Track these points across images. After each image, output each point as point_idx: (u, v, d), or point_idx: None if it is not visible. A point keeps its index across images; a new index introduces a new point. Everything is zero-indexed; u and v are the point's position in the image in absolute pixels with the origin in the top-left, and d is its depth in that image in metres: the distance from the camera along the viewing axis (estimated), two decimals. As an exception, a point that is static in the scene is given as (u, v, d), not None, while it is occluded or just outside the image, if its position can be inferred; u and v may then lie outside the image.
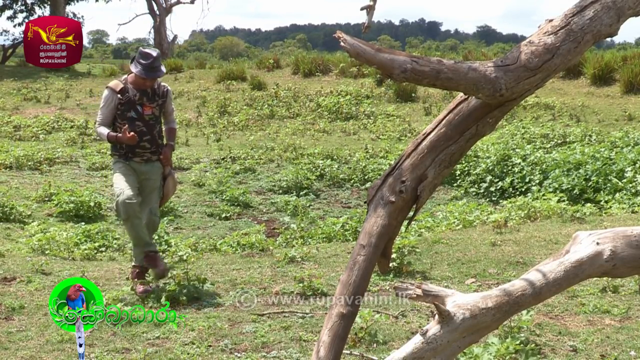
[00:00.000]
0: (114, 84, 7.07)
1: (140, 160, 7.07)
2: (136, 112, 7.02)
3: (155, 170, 7.14)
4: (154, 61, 6.88)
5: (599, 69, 21.93)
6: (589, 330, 5.90)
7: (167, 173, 7.22)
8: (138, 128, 6.97)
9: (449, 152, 3.46)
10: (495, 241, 8.56)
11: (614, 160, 12.51)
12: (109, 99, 7.00)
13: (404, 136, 17.84)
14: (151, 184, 7.11)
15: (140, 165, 7.08)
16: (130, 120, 6.97)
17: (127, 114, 6.98)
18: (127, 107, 6.99)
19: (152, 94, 7.08)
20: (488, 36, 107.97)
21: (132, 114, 7.00)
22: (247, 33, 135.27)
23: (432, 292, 3.44)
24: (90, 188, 12.86)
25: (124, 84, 7.03)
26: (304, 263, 8.06)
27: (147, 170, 7.09)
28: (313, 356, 3.33)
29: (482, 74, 3.26)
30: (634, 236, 3.48)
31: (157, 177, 7.15)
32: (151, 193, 7.10)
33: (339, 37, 3.23)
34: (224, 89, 24.43)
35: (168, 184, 7.24)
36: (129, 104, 6.99)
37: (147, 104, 7.04)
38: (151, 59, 6.88)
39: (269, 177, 14.46)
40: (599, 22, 3.35)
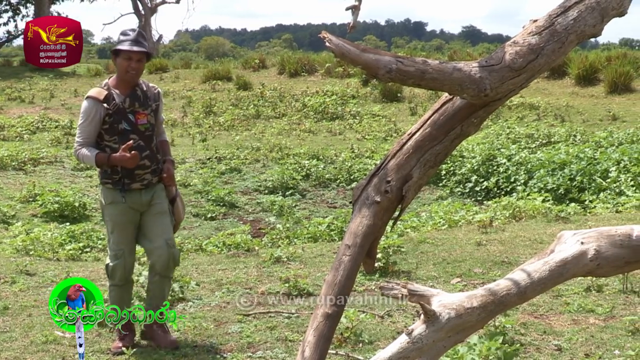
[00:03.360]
0: (95, 92, 5.58)
1: (140, 186, 5.62)
2: (129, 123, 5.57)
3: (158, 193, 5.72)
4: (137, 35, 5.56)
5: (583, 69, 22.03)
6: (573, 330, 5.93)
7: (173, 195, 5.84)
8: (134, 143, 5.52)
9: (434, 152, 3.47)
10: (480, 241, 8.59)
11: (598, 160, 12.57)
12: (91, 112, 5.53)
13: (390, 136, 17.86)
14: (158, 208, 5.68)
15: (141, 194, 5.64)
16: (122, 134, 5.54)
17: (117, 127, 5.54)
18: (117, 118, 5.54)
19: (143, 98, 5.65)
20: (473, 36, 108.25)
21: (125, 126, 5.56)
22: (232, 33, 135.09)
23: (418, 291, 3.44)
24: (75, 188, 12.82)
25: (107, 90, 5.58)
26: (289, 263, 8.05)
27: (148, 198, 5.67)
28: (298, 356, 3.33)
29: (466, 74, 3.27)
30: (618, 236, 3.49)
31: (163, 200, 5.73)
32: (161, 218, 5.67)
33: (324, 37, 3.23)
34: (210, 89, 24.39)
35: (178, 207, 5.85)
36: (118, 114, 5.53)
37: (140, 110, 5.61)
38: (135, 32, 5.59)
39: (254, 177, 14.45)
40: (582, 23, 3.36)
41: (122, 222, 5.64)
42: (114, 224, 5.65)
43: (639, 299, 6.59)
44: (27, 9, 39.85)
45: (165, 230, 5.64)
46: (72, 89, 25.03)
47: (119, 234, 5.64)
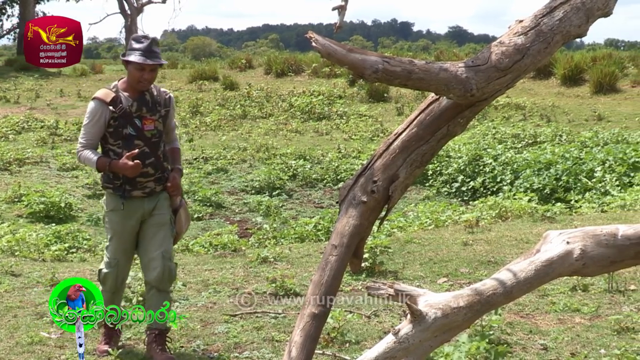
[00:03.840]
0: (102, 94, 5.37)
1: (142, 194, 5.41)
2: (134, 128, 5.36)
3: (162, 203, 5.50)
4: (151, 44, 5.31)
5: (569, 69, 22.14)
6: (559, 329, 5.94)
7: (177, 205, 5.62)
8: (139, 149, 5.33)
9: (420, 152, 3.48)
10: (467, 241, 8.60)
11: (584, 160, 12.63)
12: (96, 114, 5.33)
13: (377, 136, 17.88)
14: (158, 219, 5.47)
15: (143, 202, 5.43)
16: (127, 139, 5.34)
17: (122, 132, 5.34)
18: (122, 122, 5.32)
19: (152, 103, 5.42)
20: (460, 36, 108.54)
21: (130, 131, 5.34)
22: (219, 33, 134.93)
23: (404, 291, 3.45)
24: (61, 189, 12.76)
25: (115, 93, 5.36)
26: (276, 263, 8.05)
27: (151, 207, 5.46)
28: (285, 356, 3.33)
29: (453, 75, 3.28)
30: (604, 235, 3.51)
31: (165, 210, 5.51)
32: (160, 229, 5.46)
33: (311, 37, 3.23)
34: (196, 89, 24.34)
35: (180, 218, 5.63)
36: (124, 118, 5.32)
37: (148, 115, 5.39)
38: (148, 41, 5.32)
39: (241, 177, 14.43)
40: (568, 23, 3.38)
41: (121, 231, 5.45)
42: (113, 232, 5.47)
43: (624, 298, 6.62)
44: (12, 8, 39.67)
45: (162, 243, 5.43)
46: (57, 89, 24.91)
47: (116, 243, 5.47)
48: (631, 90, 21.04)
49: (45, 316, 6.27)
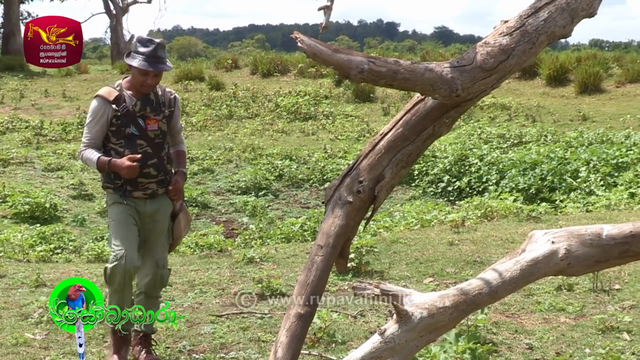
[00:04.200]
0: (105, 92, 5.25)
1: (142, 195, 5.29)
2: (137, 128, 5.22)
3: (164, 209, 5.38)
4: (156, 48, 5.18)
5: (554, 69, 22.24)
6: (544, 328, 5.97)
7: (177, 209, 5.48)
8: (141, 149, 5.22)
9: (406, 152, 3.48)
10: (452, 240, 8.62)
11: (569, 160, 12.69)
12: (99, 112, 5.21)
13: (363, 136, 17.89)
14: (157, 228, 5.37)
15: (145, 203, 5.31)
16: (129, 138, 5.22)
17: (125, 131, 5.21)
18: (125, 122, 5.20)
19: (156, 103, 5.31)
20: (445, 37, 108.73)
21: (132, 130, 5.22)
22: (205, 33, 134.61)
23: (390, 291, 3.45)
24: (46, 189, 12.71)
25: (118, 91, 5.24)
26: (262, 263, 8.04)
27: (152, 211, 5.33)
28: (271, 357, 3.32)
29: (438, 75, 3.28)
30: (588, 235, 3.52)
31: (165, 218, 5.40)
32: (157, 239, 5.37)
33: (296, 37, 3.22)
34: (182, 89, 24.28)
35: (179, 224, 5.51)
36: (127, 117, 5.20)
37: (152, 115, 5.27)
38: (153, 45, 5.17)
39: (227, 178, 14.41)
40: (553, 23, 3.39)
41: (125, 219, 5.23)
42: (116, 223, 5.24)
43: (608, 298, 6.65)
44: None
45: (157, 250, 5.35)
46: (42, 89, 24.79)
47: (121, 232, 5.20)
48: (615, 90, 21.16)
49: (30, 317, 6.25)
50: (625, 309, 6.35)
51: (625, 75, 21.66)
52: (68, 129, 18.28)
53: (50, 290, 6.99)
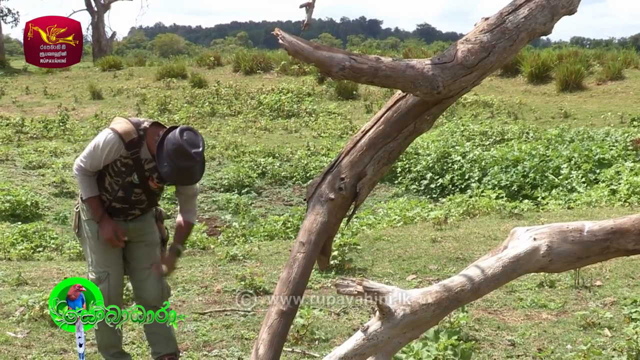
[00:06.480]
0: (124, 130, 4.72)
1: (123, 219, 4.94)
2: (140, 178, 4.82)
3: (149, 223, 5.05)
4: (194, 166, 4.67)
5: (535, 67, 22.32)
6: (526, 325, 5.99)
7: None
8: (135, 197, 4.87)
9: (387, 150, 3.48)
10: (435, 237, 8.64)
11: (550, 157, 12.75)
12: (108, 147, 4.70)
13: (345, 134, 17.90)
14: (148, 238, 5.03)
15: (127, 223, 4.95)
16: (127, 185, 4.82)
17: (125, 178, 4.80)
18: (130, 171, 4.79)
19: None
20: (428, 34, 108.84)
21: (134, 180, 4.82)
22: (187, 30, 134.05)
23: (373, 288, 3.45)
24: (27, 187, 12.62)
25: (137, 137, 4.73)
26: (245, 261, 8.03)
27: (135, 228, 4.98)
28: (252, 354, 3.32)
29: (419, 72, 3.28)
30: (570, 232, 3.54)
31: (155, 230, 5.09)
32: (152, 249, 5.02)
33: (278, 34, 3.22)
34: (164, 87, 24.19)
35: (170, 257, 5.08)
36: (134, 166, 4.78)
37: (158, 182, 4.87)
38: (193, 164, 4.64)
39: (210, 175, 14.37)
40: (533, 21, 3.40)
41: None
42: (95, 240, 4.87)
43: (590, 294, 6.69)
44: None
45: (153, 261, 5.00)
46: (23, 86, 24.63)
47: (102, 251, 4.87)
48: (596, 88, 21.26)
49: (11, 316, 6.20)
50: (607, 306, 6.39)
51: (606, 73, 21.77)
52: (49, 126, 18.16)
53: (31, 288, 6.97)
